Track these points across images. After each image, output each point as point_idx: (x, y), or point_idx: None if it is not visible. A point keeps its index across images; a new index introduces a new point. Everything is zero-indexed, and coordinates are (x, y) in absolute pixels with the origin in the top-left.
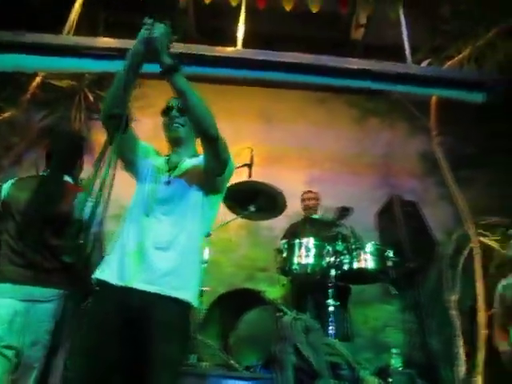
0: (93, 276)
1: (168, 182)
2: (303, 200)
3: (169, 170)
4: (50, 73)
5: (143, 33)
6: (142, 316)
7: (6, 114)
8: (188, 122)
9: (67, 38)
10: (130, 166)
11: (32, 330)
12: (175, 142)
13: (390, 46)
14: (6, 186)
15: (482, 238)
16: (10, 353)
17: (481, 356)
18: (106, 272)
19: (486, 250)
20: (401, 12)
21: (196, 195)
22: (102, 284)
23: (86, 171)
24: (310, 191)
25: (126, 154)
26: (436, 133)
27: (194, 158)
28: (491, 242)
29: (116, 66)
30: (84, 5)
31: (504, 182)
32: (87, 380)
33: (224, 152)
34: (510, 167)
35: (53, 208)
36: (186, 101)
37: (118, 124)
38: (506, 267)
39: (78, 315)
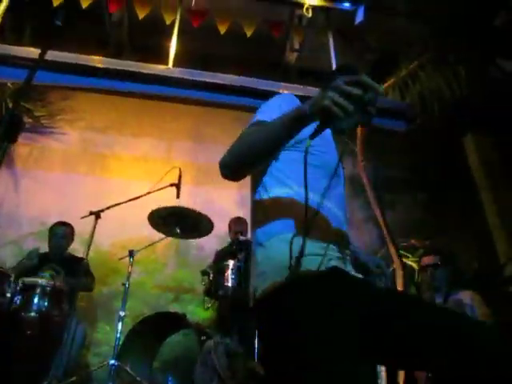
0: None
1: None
2: (229, 227)
3: None
4: None
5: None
6: None
7: None
8: None
9: None
10: None
11: None
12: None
13: (322, 71)
14: None
15: (403, 259)
16: None
17: None
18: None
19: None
20: (330, 40)
21: None
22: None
23: None
24: (238, 218)
25: None
26: (362, 158)
27: None
28: (412, 262)
29: (41, 77)
30: (9, 11)
31: (423, 206)
32: None
33: None
34: (429, 193)
35: None
36: None
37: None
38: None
39: None
